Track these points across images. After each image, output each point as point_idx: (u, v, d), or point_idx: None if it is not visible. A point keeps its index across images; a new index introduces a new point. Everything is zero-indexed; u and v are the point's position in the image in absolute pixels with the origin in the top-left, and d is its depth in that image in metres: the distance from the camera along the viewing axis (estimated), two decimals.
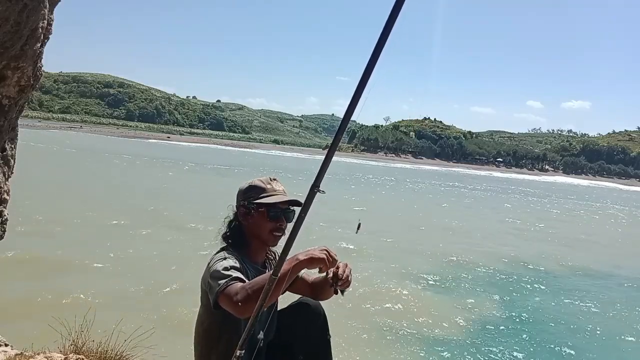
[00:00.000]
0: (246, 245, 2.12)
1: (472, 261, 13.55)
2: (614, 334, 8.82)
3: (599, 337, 8.64)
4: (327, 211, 16.64)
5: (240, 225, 2.14)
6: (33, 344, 3.16)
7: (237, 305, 1.75)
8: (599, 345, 8.27)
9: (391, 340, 7.58)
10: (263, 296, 1.58)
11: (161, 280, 9.04)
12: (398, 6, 1.30)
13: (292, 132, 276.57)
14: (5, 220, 2.79)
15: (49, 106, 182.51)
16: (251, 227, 2.11)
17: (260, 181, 2.17)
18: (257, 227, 2.10)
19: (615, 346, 8.31)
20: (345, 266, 1.89)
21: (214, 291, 1.85)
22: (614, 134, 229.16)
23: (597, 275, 13.67)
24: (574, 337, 8.52)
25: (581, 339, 8.44)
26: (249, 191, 2.14)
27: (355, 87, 1.37)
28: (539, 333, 8.48)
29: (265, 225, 2.08)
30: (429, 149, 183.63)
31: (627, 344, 8.43)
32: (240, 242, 2.11)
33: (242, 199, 2.14)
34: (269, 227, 2.08)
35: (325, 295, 2.20)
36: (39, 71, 2.45)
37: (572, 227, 25.60)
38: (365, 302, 9.01)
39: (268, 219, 2.07)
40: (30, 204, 13.62)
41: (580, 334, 8.73)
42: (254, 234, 2.12)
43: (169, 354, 4.31)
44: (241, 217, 2.13)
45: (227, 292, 1.81)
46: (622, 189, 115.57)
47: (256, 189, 2.14)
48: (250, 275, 1.99)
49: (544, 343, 8.02)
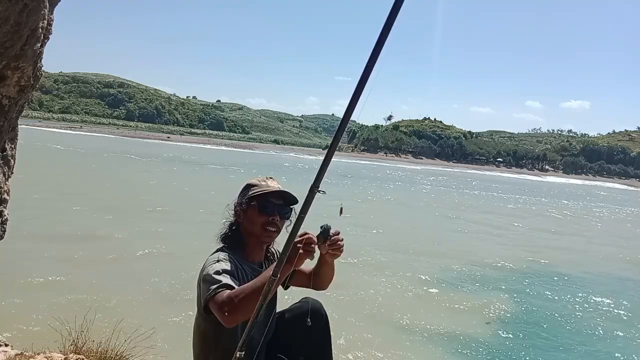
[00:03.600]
0: (243, 244, 2.12)
1: (490, 263, 13.56)
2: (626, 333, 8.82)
3: (608, 336, 8.64)
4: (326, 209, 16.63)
5: (237, 225, 2.16)
6: (33, 344, 3.16)
7: (224, 316, 1.75)
8: (609, 344, 8.26)
9: (400, 339, 7.57)
10: (262, 298, 1.58)
11: (161, 280, 9.04)
12: (397, 6, 1.30)
13: (292, 132, 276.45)
14: (6, 220, 2.79)
15: (49, 106, 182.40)
16: (245, 224, 2.13)
17: (256, 179, 2.22)
18: (250, 222, 2.11)
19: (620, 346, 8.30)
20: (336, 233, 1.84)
21: (204, 295, 1.86)
22: (614, 134, 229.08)
23: (609, 275, 13.69)
24: (582, 335, 8.54)
25: (589, 338, 8.44)
26: (244, 190, 2.19)
27: (355, 87, 1.37)
28: (558, 332, 8.51)
29: (257, 220, 2.08)
30: (429, 149, 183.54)
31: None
32: (237, 241, 2.12)
33: (240, 199, 2.18)
34: (261, 221, 2.07)
35: (323, 282, 2.19)
36: (39, 71, 2.45)
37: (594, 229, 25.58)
38: (371, 304, 9.01)
39: (259, 213, 2.08)
40: (30, 204, 13.62)
41: (588, 332, 8.72)
42: (248, 231, 2.12)
43: (168, 354, 4.32)
44: (237, 216, 2.16)
45: (215, 299, 1.80)
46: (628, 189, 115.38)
47: (250, 186, 2.18)
48: (247, 276, 1.99)
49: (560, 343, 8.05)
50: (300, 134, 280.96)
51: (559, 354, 7.67)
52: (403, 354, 7.09)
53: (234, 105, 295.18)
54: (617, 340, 8.49)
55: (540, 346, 7.86)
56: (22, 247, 9.56)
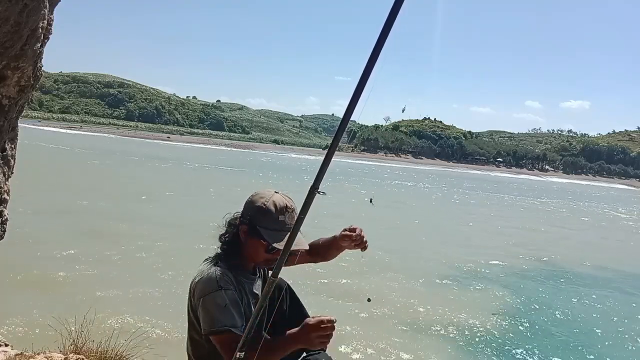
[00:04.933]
0: (240, 256, 2.01)
1: (496, 261, 13.58)
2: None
3: (610, 334, 8.67)
4: (330, 210, 16.64)
5: (238, 239, 2.01)
6: (33, 344, 3.16)
7: (224, 356, 1.74)
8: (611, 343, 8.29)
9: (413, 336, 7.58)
10: (262, 298, 1.59)
11: (161, 281, 9.04)
12: (397, 6, 1.30)
13: (292, 132, 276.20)
14: (6, 220, 2.78)
15: (49, 106, 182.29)
16: (247, 247, 1.99)
17: (274, 206, 1.93)
18: (253, 251, 1.98)
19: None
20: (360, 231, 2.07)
21: (207, 326, 1.80)
22: (614, 134, 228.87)
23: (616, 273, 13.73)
24: (585, 332, 8.58)
25: (592, 336, 8.47)
26: (258, 214, 1.94)
27: (355, 87, 1.37)
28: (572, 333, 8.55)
29: (261, 255, 1.97)
30: (429, 149, 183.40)
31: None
32: (235, 251, 2.01)
33: (249, 216, 1.97)
34: (264, 257, 1.98)
35: (327, 260, 2.22)
36: (39, 71, 2.44)
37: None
38: (382, 305, 9.03)
39: (266, 251, 1.96)
40: (32, 203, 13.62)
41: (591, 330, 8.75)
42: (248, 253, 2.01)
43: (168, 354, 4.31)
44: (241, 233, 1.99)
45: (221, 340, 1.77)
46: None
47: (267, 216, 1.93)
48: (245, 293, 1.94)
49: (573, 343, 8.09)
50: (300, 134, 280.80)
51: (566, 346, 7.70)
52: (412, 345, 7.10)
53: (234, 105, 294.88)
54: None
55: (553, 338, 7.88)
56: (22, 247, 9.56)
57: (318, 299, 9.17)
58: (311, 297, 9.05)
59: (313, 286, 9.71)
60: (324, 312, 1.82)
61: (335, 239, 2.17)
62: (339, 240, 2.14)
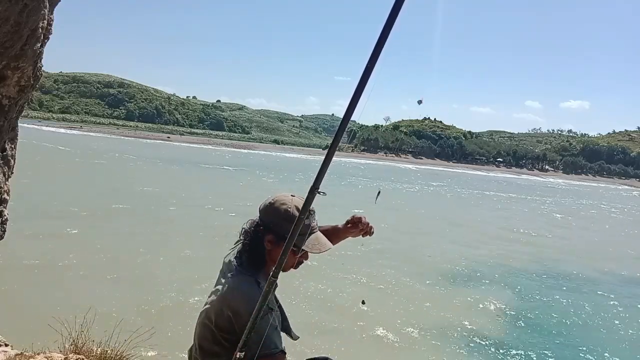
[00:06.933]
0: (264, 263, 1.91)
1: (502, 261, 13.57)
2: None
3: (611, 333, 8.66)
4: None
5: (262, 246, 1.89)
6: (33, 344, 3.16)
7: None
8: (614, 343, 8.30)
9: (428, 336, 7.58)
10: (262, 299, 1.58)
11: (161, 281, 9.04)
12: (397, 6, 1.30)
13: (291, 132, 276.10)
14: (6, 220, 2.78)
15: (49, 106, 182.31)
16: (273, 254, 1.87)
17: (298, 211, 1.78)
18: (280, 258, 1.78)
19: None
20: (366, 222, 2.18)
21: (255, 348, 1.65)
22: (614, 134, 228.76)
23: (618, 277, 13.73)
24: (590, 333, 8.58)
25: (593, 335, 8.47)
26: (284, 221, 1.83)
27: (355, 87, 1.37)
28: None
29: (290, 261, 1.87)
30: (429, 149, 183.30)
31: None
32: (262, 262, 1.91)
33: (272, 224, 1.87)
34: (291, 263, 1.89)
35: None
36: (39, 71, 2.44)
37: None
38: (388, 302, 9.02)
39: (295, 258, 1.88)
40: (30, 204, 13.62)
41: (592, 329, 8.74)
42: (273, 259, 1.85)
43: (168, 354, 4.31)
44: (267, 243, 1.87)
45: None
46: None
47: (292, 222, 1.73)
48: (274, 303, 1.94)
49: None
50: (300, 134, 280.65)
51: (566, 345, 7.69)
52: (414, 346, 7.09)
53: (234, 105, 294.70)
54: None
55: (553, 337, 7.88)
56: (22, 247, 9.56)
57: (310, 301, 9.17)
58: (304, 300, 9.05)
59: (305, 289, 9.71)
60: (319, 316, 1.82)
61: (336, 228, 2.21)
62: (345, 232, 2.20)
